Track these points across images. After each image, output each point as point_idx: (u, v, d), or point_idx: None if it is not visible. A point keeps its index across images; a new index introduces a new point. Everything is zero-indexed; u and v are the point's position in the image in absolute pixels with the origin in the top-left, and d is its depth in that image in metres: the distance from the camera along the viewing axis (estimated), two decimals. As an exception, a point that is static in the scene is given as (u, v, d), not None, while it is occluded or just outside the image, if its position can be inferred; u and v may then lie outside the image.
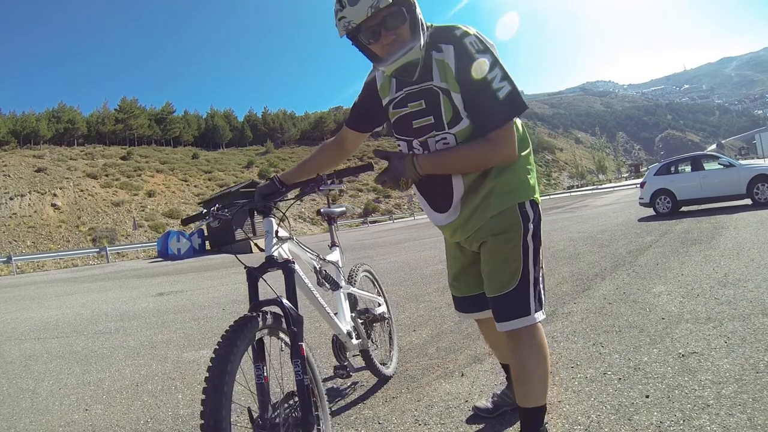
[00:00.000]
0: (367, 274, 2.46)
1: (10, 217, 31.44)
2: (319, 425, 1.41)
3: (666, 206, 9.93)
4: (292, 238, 1.61)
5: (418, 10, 1.25)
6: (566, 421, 1.65)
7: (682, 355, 2.09)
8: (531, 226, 1.35)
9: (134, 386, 2.76)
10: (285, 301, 1.33)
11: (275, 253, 1.43)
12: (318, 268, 1.85)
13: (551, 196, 50.58)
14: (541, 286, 1.38)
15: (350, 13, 1.20)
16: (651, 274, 4.03)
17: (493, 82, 1.22)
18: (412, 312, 3.90)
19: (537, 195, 1.39)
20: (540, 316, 1.35)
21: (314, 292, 1.65)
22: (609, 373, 2.02)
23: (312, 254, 1.84)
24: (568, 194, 48.87)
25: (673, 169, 10.45)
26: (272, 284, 1.41)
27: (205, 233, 21.57)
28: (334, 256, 2.10)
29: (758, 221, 6.69)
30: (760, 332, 2.23)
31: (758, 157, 34.43)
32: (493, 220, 1.34)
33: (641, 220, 9.47)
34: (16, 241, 29.00)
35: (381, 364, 2.27)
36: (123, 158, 48.61)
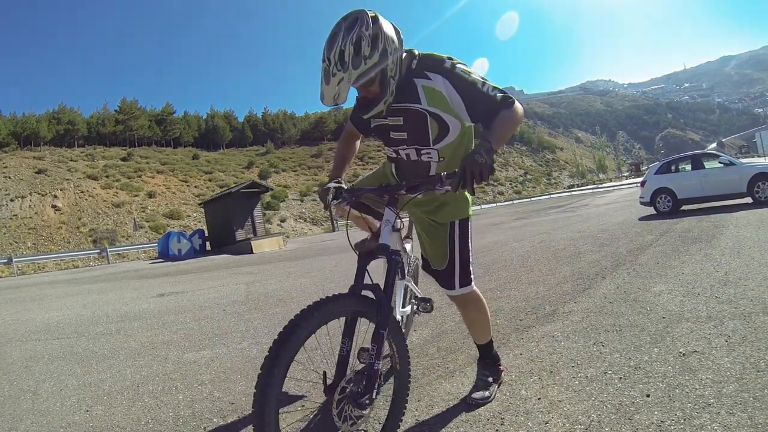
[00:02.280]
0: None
1: (11, 218, 31.46)
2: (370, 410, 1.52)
3: (666, 205, 9.91)
4: (399, 231, 1.74)
5: (391, 64, 1.47)
6: (567, 421, 1.65)
7: (683, 354, 2.09)
8: (458, 230, 1.84)
9: (135, 387, 2.76)
10: (384, 291, 1.49)
11: (388, 242, 1.57)
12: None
13: (551, 196, 50.56)
14: (468, 268, 1.87)
15: (324, 91, 1.44)
16: (651, 273, 4.03)
17: (489, 93, 1.52)
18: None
19: (471, 213, 1.89)
20: (466, 290, 1.88)
21: (397, 286, 1.80)
22: (610, 372, 2.02)
23: (400, 243, 1.91)
24: (569, 193, 48.84)
25: (673, 168, 10.44)
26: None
27: (206, 234, 21.58)
28: (408, 246, 2.18)
29: (759, 220, 6.68)
30: (760, 331, 2.23)
31: (759, 156, 34.41)
32: (440, 223, 1.84)
33: (642, 219, 9.46)
34: (16, 242, 29.02)
35: None
36: (123, 159, 48.63)
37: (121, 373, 3.10)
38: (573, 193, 49.55)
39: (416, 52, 1.58)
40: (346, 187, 1.76)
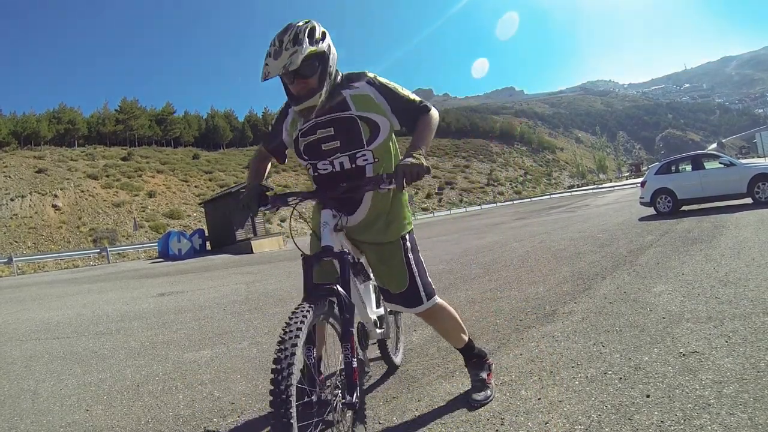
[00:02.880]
0: None
1: (11, 218, 31.47)
2: (364, 404, 1.54)
3: (666, 205, 9.91)
4: (343, 230, 1.72)
5: (331, 63, 1.62)
6: (567, 421, 1.65)
7: (683, 355, 2.09)
8: (409, 244, 1.87)
9: (135, 387, 2.76)
10: (341, 289, 1.47)
11: (333, 243, 1.55)
12: (357, 260, 1.88)
13: (551, 196, 50.57)
14: (427, 279, 1.89)
15: (271, 64, 1.51)
16: (651, 274, 4.03)
17: (409, 98, 1.73)
18: (413, 312, 3.90)
19: (410, 226, 1.92)
20: (433, 301, 1.87)
21: (354, 282, 1.74)
22: (610, 372, 2.02)
23: (353, 246, 1.90)
24: (569, 194, 48.84)
25: (673, 168, 10.43)
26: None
27: (206, 233, 21.59)
28: None
29: (759, 220, 6.68)
30: (760, 331, 2.23)
31: (759, 156, 34.38)
32: (388, 243, 1.83)
33: (642, 219, 9.46)
34: (16, 242, 29.02)
35: (392, 354, 2.42)
36: (123, 159, 48.61)
37: (121, 373, 3.10)
38: (573, 193, 49.56)
39: (339, 71, 1.75)
40: (271, 191, 1.73)
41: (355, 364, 1.41)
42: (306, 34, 1.53)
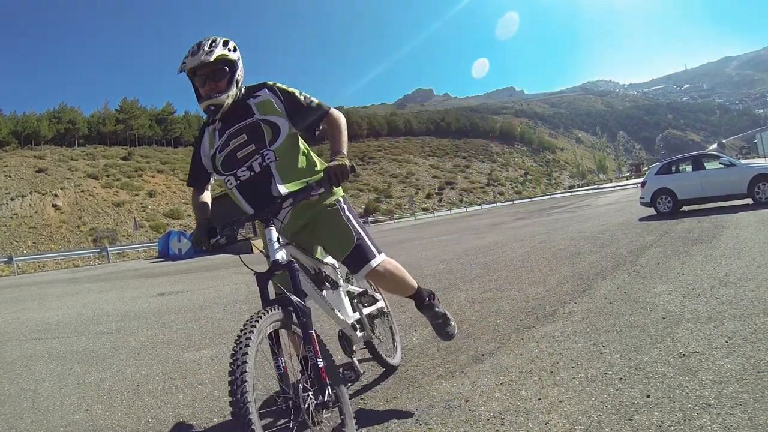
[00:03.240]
0: None
1: (11, 217, 31.49)
2: (340, 404, 1.55)
3: (667, 206, 9.91)
4: (292, 243, 1.80)
5: (238, 73, 1.85)
6: (567, 421, 1.65)
7: (683, 355, 2.09)
8: (345, 206, 1.97)
9: (135, 386, 2.76)
10: (293, 297, 1.52)
11: (279, 257, 1.61)
12: (318, 270, 1.95)
13: (552, 196, 50.56)
14: (372, 238, 1.97)
15: (189, 60, 1.76)
16: (652, 274, 4.03)
17: (305, 98, 1.90)
18: (413, 312, 3.88)
19: (341, 192, 2.01)
20: (380, 258, 1.92)
21: (316, 291, 1.80)
22: (610, 372, 2.02)
23: (309, 257, 1.95)
24: (569, 194, 48.84)
25: (674, 168, 10.43)
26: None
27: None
28: (331, 258, 2.16)
29: (759, 221, 6.68)
30: (761, 332, 2.23)
31: (759, 157, 34.38)
32: (325, 208, 1.93)
33: (642, 219, 9.45)
34: (17, 241, 29.04)
35: (386, 356, 2.39)
36: (124, 159, 48.67)
37: (121, 373, 3.10)
38: (573, 193, 49.55)
39: (245, 86, 1.95)
40: (217, 227, 1.80)
41: (321, 364, 1.46)
42: (221, 43, 1.80)
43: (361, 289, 2.32)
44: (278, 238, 1.66)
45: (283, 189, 1.82)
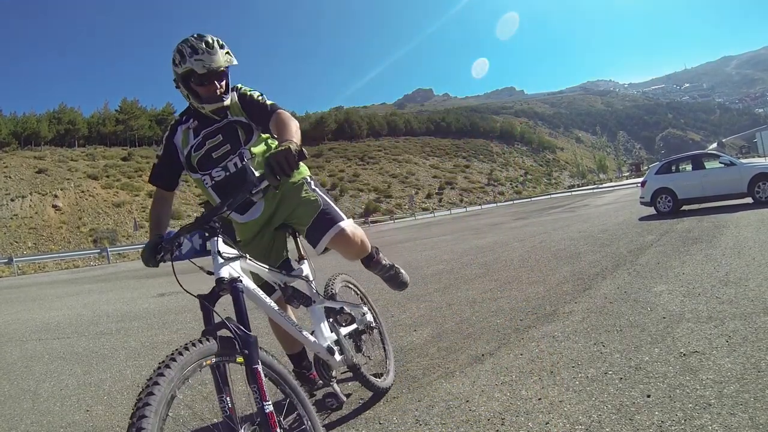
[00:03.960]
0: (347, 283, 2.33)
1: (11, 218, 31.49)
2: None
3: (667, 205, 9.91)
4: (244, 256, 1.58)
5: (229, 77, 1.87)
6: (567, 421, 1.65)
7: (684, 355, 2.09)
8: (311, 181, 2.01)
9: (135, 387, 2.76)
10: (231, 323, 1.29)
11: (225, 274, 1.40)
12: (283, 285, 1.77)
13: (552, 196, 50.55)
14: (335, 207, 1.98)
15: (208, 59, 1.70)
16: (652, 274, 4.02)
17: (261, 99, 1.88)
18: (413, 312, 3.90)
19: (307, 172, 2.06)
20: (347, 221, 1.92)
21: (277, 311, 1.59)
22: (610, 372, 2.02)
23: (273, 271, 1.76)
24: (569, 194, 48.83)
25: (674, 168, 10.43)
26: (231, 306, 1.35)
27: (206, 233, 21.55)
28: (304, 269, 1.97)
29: (759, 220, 6.68)
30: (761, 331, 2.23)
31: (759, 156, 34.37)
32: (291, 185, 1.96)
33: (642, 219, 9.45)
34: (17, 242, 29.05)
35: (376, 376, 2.14)
36: (124, 159, 48.64)
37: (121, 373, 3.10)
38: (573, 193, 49.55)
39: None
40: (163, 242, 1.63)
41: (269, 409, 1.23)
42: (217, 43, 1.75)
43: (342, 303, 2.06)
44: (219, 252, 1.44)
45: (257, 191, 1.77)
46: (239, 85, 1.95)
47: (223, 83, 1.81)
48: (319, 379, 1.99)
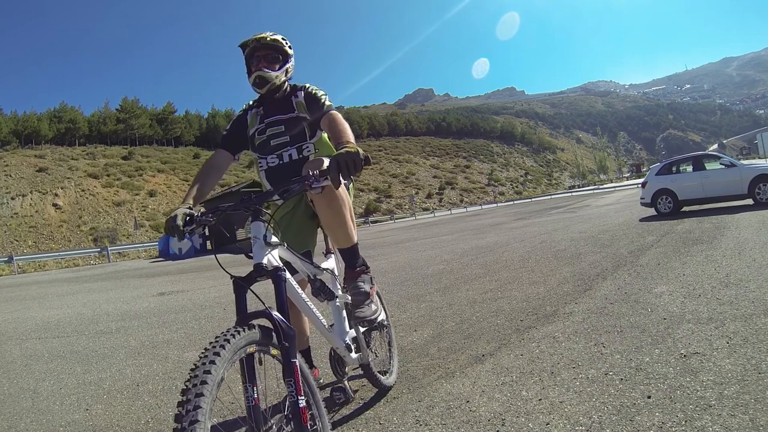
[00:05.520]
0: None
1: (12, 216, 31.50)
2: None
3: (667, 206, 9.90)
4: (283, 244, 1.55)
5: (289, 65, 2.03)
6: (568, 422, 1.64)
7: (684, 356, 2.08)
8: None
9: (135, 386, 2.76)
10: (275, 313, 1.26)
11: (264, 261, 1.38)
12: (313, 277, 1.75)
13: (552, 196, 50.54)
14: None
15: (252, 37, 1.95)
16: (652, 275, 4.02)
17: (326, 101, 1.96)
18: (414, 312, 3.90)
19: None
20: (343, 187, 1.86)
21: (308, 304, 1.59)
22: (611, 373, 2.02)
23: (306, 262, 1.75)
24: (570, 194, 48.82)
25: (674, 169, 10.42)
26: (263, 294, 1.33)
27: (206, 233, 21.60)
28: (330, 263, 2.00)
29: (760, 221, 6.67)
30: (762, 332, 2.22)
31: (760, 157, 34.33)
32: None
33: (642, 220, 9.45)
34: (17, 240, 29.06)
35: (381, 373, 2.17)
36: (124, 158, 48.65)
37: (121, 372, 3.10)
38: (574, 193, 49.54)
39: (292, 84, 2.11)
40: (196, 213, 1.55)
41: (302, 404, 1.19)
42: (280, 36, 1.99)
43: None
44: (265, 236, 1.42)
45: (316, 187, 1.70)
46: (308, 86, 2.07)
47: (275, 65, 1.97)
48: (320, 378, 2.04)
